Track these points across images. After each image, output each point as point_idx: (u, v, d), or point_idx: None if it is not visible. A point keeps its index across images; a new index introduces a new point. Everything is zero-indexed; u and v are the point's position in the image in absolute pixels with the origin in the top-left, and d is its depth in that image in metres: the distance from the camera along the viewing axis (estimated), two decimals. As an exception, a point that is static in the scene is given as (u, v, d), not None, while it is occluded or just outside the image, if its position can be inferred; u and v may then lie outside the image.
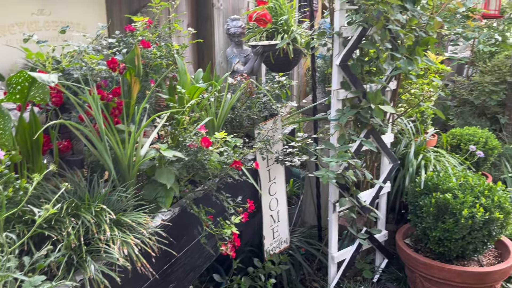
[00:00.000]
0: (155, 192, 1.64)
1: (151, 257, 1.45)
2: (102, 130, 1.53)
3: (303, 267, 2.87)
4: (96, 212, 1.38)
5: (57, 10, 2.04)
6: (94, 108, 1.52)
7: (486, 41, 5.41)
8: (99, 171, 1.63)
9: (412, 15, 2.50)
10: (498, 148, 4.07)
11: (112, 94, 1.63)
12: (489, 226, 2.47)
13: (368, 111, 2.43)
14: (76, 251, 1.30)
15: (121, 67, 1.63)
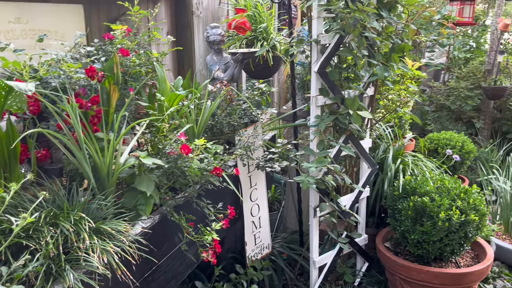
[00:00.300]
0: (135, 199, 1.63)
1: (131, 265, 1.45)
2: (81, 138, 1.52)
3: (285, 273, 2.88)
4: (75, 220, 1.37)
5: (35, 18, 2.02)
6: (72, 116, 1.51)
7: (461, 48, 5.55)
8: (78, 179, 1.62)
9: (388, 22, 2.56)
10: (474, 152, 4.17)
11: (91, 102, 1.62)
12: (465, 228, 2.53)
13: (346, 117, 2.47)
14: (55, 260, 1.28)
15: (99, 75, 1.63)
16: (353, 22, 2.28)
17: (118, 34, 1.89)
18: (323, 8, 2.34)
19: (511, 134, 5.05)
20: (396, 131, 3.54)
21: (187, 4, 3.08)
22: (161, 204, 1.77)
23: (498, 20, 4.77)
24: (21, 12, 1.96)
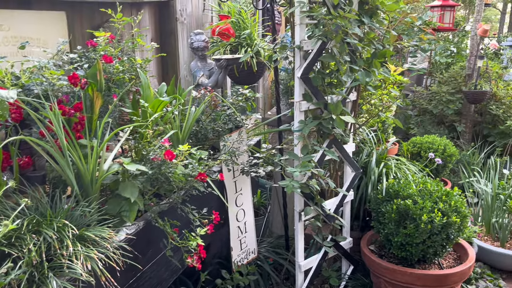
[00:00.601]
0: (119, 206, 1.63)
1: (115, 271, 1.45)
2: (64, 145, 1.52)
3: (271, 277, 2.88)
4: (58, 227, 1.37)
5: (17, 25, 2.01)
6: (55, 123, 1.51)
7: (442, 53, 5.65)
8: (61, 186, 1.61)
9: (369, 28, 2.60)
10: (456, 155, 4.24)
11: (74, 109, 1.62)
12: (447, 229, 2.57)
13: (329, 121, 2.49)
14: (37, 267, 1.28)
15: (82, 82, 1.63)
16: (335, 29, 2.31)
17: (101, 41, 1.89)
18: (306, 14, 2.36)
19: (492, 137, 5.13)
20: (379, 135, 3.59)
21: (171, 10, 3.09)
22: (145, 210, 1.77)
23: (478, 26, 4.87)
24: (2, 19, 1.95)
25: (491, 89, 5.02)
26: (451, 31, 5.69)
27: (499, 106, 5.10)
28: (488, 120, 5.21)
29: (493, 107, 5.08)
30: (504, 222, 3.52)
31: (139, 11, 2.79)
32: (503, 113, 5.04)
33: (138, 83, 2.00)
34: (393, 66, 3.60)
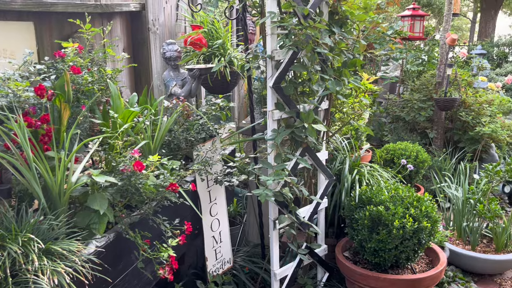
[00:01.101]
0: (88, 218, 1.61)
1: (84, 285, 1.43)
2: (30, 158, 1.49)
3: (247, 286, 2.88)
4: (24, 242, 1.35)
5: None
6: (20, 136, 1.49)
7: (414, 61, 5.78)
8: (28, 200, 1.59)
9: (339, 38, 2.65)
10: (428, 161, 4.33)
11: (41, 121, 1.60)
12: (418, 234, 2.61)
13: (302, 130, 2.51)
14: (2, 283, 1.25)
15: (49, 93, 1.61)
16: (306, 39, 2.34)
17: (70, 52, 1.87)
18: (276, 25, 2.39)
19: (462, 143, 5.25)
20: (353, 142, 3.64)
21: (143, 20, 3.08)
22: (116, 222, 1.75)
23: (446, 35, 5.01)
24: (-32, 30, 1.92)
25: (460, 96, 5.15)
26: (422, 40, 5.83)
27: (469, 112, 5.23)
28: (458, 127, 5.33)
29: (463, 114, 5.21)
30: (474, 226, 3.60)
31: (110, 22, 2.78)
32: (472, 119, 5.17)
33: (108, 94, 1.99)
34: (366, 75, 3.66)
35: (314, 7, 2.44)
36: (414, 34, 5.33)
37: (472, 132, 5.12)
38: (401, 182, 3.51)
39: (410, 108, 5.30)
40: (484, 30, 14.95)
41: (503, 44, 13.51)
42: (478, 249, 3.55)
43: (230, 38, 3.20)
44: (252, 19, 4.09)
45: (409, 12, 5.43)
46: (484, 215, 3.57)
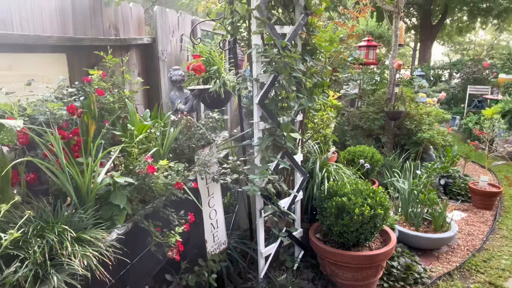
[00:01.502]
0: (110, 211, 1.61)
1: (108, 265, 1.42)
2: (63, 163, 1.49)
3: (239, 263, 2.87)
4: (59, 231, 1.34)
5: (25, 65, 1.97)
6: (55, 146, 1.48)
7: (369, 82, 5.85)
8: (62, 197, 1.57)
9: (310, 65, 2.68)
10: (381, 160, 4.39)
11: (72, 133, 1.59)
12: (374, 219, 2.65)
13: (282, 138, 2.53)
14: (41, 266, 1.25)
15: (78, 111, 1.61)
16: (284, 65, 2.37)
17: (95, 77, 1.87)
18: (261, 54, 2.41)
19: (407, 146, 5.33)
20: (322, 146, 3.67)
21: (154, 51, 3.08)
22: (133, 214, 1.74)
23: (394, 61, 5.09)
24: (13, 60, 1.90)
25: (405, 109, 5.23)
26: (375, 65, 5.91)
27: (412, 122, 5.31)
28: (404, 133, 5.40)
29: (408, 123, 5.29)
30: (417, 212, 3.67)
31: (128, 52, 2.77)
32: (415, 127, 5.26)
33: (126, 111, 1.98)
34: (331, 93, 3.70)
35: (290, 40, 2.47)
36: (369, 60, 5.41)
37: (415, 137, 5.20)
38: (360, 177, 3.56)
39: (367, 119, 5.37)
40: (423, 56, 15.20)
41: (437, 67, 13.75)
42: (421, 230, 3.61)
43: (224, 65, 3.20)
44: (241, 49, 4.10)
45: (365, 43, 5.51)
46: (425, 202, 3.64)
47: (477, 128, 5.10)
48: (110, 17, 2.61)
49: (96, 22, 2.45)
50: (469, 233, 3.96)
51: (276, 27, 2.41)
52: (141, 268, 1.81)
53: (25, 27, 1.97)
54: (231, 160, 2.63)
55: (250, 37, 2.58)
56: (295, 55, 2.41)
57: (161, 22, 3.10)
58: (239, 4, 2.44)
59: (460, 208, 4.63)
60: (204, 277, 2.48)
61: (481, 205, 4.59)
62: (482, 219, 4.33)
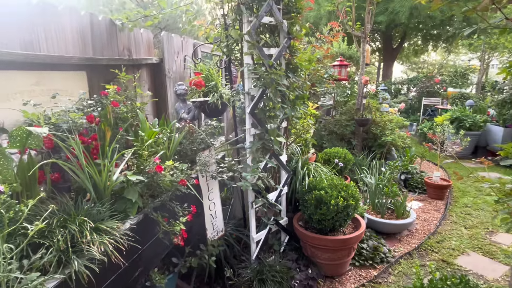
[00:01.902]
0: (124, 205, 1.58)
1: (122, 251, 1.40)
2: (83, 164, 1.46)
3: (235, 247, 2.85)
4: (80, 222, 1.31)
5: (50, 81, 1.93)
6: (76, 150, 1.45)
7: (342, 94, 5.88)
8: (82, 193, 1.54)
9: (293, 80, 2.68)
10: (352, 160, 4.40)
11: (91, 139, 1.57)
12: (347, 209, 2.66)
13: (269, 141, 2.53)
14: (64, 252, 1.22)
15: (96, 120, 1.58)
16: (271, 81, 2.37)
17: (111, 91, 1.84)
18: (251, 71, 2.41)
19: (374, 148, 5.35)
20: (303, 149, 3.68)
21: (162, 69, 3.06)
22: (144, 206, 1.72)
23: (362, 78, 5.13)
24: (40, 77, 1.86)
25: (371, 117, 5.27)
26: (346, 81, 5.96)
27: (377, 127, 5.35)
28: (371, 137, 5.44)
29: (374, 128, 5.32)
30: (382, 202, 3.69)
31: (139, 70, 2.75)
32: (380, 132, 5.30)
33: (138, 119, 1.96)
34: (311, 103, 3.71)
35: (276, 59, 2.47)
36: (341, 77, 5.44)
37: (380, 140, 5.24)
38: (335, 174, 3.57)
39: (340, 125, 5.39)
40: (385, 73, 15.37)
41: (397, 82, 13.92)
42: (386, 217, 3.63)
43: (220, 80, 3.19)
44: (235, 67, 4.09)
45: (338, 62, 5.54)
46: (388, 194, 3.66)
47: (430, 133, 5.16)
48: (124, 40, 2.58)
49: (112, 45, 2.42)
50: (425, 219, 4.00)
51: (264, 49, 2.41)
52: (151, 252, 1.79)
53: (51, 49, 1.94)
54: (227, 161, 2.61)
55: (242, 57, 2.58)
56: (280, 72, 2.41)
57: (167, 45, 3.08)
58: (232, 30, 2.44)
59: (418, 199, 4.68)
60: (205, 260, 2.46)
61: (435, 196, 4.65)
62: (436, 207, 4.38)
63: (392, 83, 13.54)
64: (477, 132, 6.85)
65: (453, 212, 4.19)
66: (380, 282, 2.77)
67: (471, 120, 6.89)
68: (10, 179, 1.33)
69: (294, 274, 2.59)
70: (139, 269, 1.68)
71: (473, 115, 7.09)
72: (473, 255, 3.18)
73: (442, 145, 4.94)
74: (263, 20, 2.41)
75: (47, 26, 1.90)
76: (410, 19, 10.72)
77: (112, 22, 2.43)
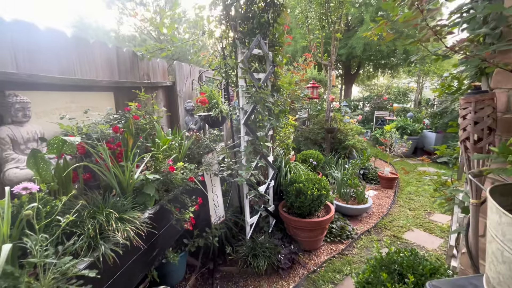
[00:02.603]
0: (144, 198, 1.51)
1: (142, 236, 1.33)
2: (109, 166, 1.39)
3: (233, 229, 2.79)
4: (106, 214, 1.24)
5: (83, 99, 1.85)
6: (104, 154, 1.38)
7: (314, 109, 5.89)
8: (109, 190, 1.47)
9: (277, 98, 2.66)
10: (323, 159, 4.38)
11: (116, 146, 1.50)
12: (320, 198, 2.63)
13: (259, 146, 2.49)
14: (93, 238, 1.15)
15: (121, 130, 1.51)
16: (260, 99, 2.34)
17: (133, 107, 1.77)
18: (245, 91, 2.38)
19: (339, 150, 5.36)
20: (285, 151, 3.64)
21: (174, 90, 2.99)
22: (160, 199, 1.65)
23: (329, 96, 5.15)
24: (74, 97, 1.79)
25: (337, 126, 5.29)
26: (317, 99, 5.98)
27: (341, 134, 5.36)
28: (337, 141, 5.45)
29: (339, 135, 5.33)
30: (347, 191, 3.67)
31: (155, 91, 2.68)
32: (343, 137, 5.31)
33: (154, 130, 1.89)
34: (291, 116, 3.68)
35: (263, 82, 2.44)
36: (313, 96, 5.45)
37: (344, 144, 5.25)
38: (310, 170, 3.55)
39: (313, 133, 5.39)
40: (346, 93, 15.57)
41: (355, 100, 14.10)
42: (350, 203, 3.61)
43: (221, 99, 3.14)
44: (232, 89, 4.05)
45: (311, 85, 5.55)
46: (351, 185, 3.65)
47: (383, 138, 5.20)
48: (143, 68, 2.52)
49: (134, 71, 2.35)
50: (379, 204, 4.00)
51: (254, 74, 2.38)
52: (165, 236, 1.72)
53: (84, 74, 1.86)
54: (226, 162, 2.56)
55: (237, 81, 2.55)
56: (267, 92, 2.38)
57: (178, 72, 3.02)
58: (229, 59, 2.40)
59: (373, 188, 4.69)
60: (209, 240, 2.39)
61: (386, 186, 4.67)
62: (387, 195, 4.40)
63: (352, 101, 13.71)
64: (416, 137, 6.96)
65: (400, 198, 4.21)
66: (347, 254, 2.74)
67: (411, 127, 7.00)
68: (49, 179, 1.25)
69: (280, 250, 2.54)
70: (156, 250, 1.61)
71: (413, 124, 7.21)
72: (417, 231, 3.19)
73: (391, 147, 4.98)
74: (253, 52, 2.39)
75: (80, 56, 1.82)
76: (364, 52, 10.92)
77: (134, 53, 2.36)
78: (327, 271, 2.47)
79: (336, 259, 2.65)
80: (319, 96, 5.98)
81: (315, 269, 2.49)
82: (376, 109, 10.66)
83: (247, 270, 2.45)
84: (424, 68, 9.30)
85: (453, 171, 1.74)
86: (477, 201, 1.04)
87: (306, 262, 2.60)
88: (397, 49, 11.61)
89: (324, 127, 5.21)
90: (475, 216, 1.05)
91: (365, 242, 2.95)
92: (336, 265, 2.56)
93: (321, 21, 4.77)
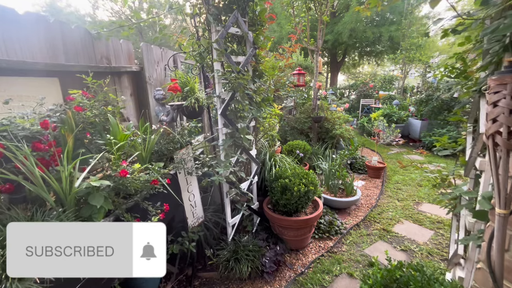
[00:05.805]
0: (90, 210, 1.20)
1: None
2: (36, 174, 1.06)
3: (213, 231, 2.54)
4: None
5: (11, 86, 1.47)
6: (29, 158, 1.05)
7: (300, 97, 5.64)
8: (40, 203, 1.15)
9: (259, 85, 2.36)
10: (310, 150, 4.18)
11: (48, 145, 1.16)
12: (308, 194, 2.41)
13: (240, 139, 2.22)
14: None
15: (52, 126, 1.18)
16: (239, 85, 2.05)
17: (77, 96, 1.42)
18: (222, 77, 2.07)
19: (327, 140, 5.19)
20: (270, 142, 3.39)
21: (143, 76, 2.62)
22: (115, 208, 1.35)
23: (316, 84, 4.91)
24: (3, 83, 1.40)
25: (324, 115, 5.09)
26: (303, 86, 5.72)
27: (328, 123, 5.18)
28: (324, 131, 5.27)
29: (326, 124, 5.14)
30: (335, 183, 3.50)
31: (120, 78, 2.30)
32: (331, 127, 5.13)
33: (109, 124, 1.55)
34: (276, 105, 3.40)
35: (243, 66, 2.13)
36: (300, 83, 5.19)
37: (331, 133, 5.08)
38: (297, 162, 3.33)
39: (299, 122, 5.17)
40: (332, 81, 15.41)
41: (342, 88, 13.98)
42: (338, 196, 3.45)
43: (197, 86, 2.80)
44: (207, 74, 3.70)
45: (297, 71, 5.27)
46: (339, 177, 3.48)
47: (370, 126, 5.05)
48: (101, 49, 2.12)
49: (87, 53, 1.96)
50: (368, 195, 3.88)
51: (232, 57, 2.06)
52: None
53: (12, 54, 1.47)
54: (202, 157, 2.26)
55: (213, 65, 2.22)
56: (247, 77, 2.08)
57: (147, 55, 2.63)
58: (202, 39, 2.06)
59: (361, 178, 4.57)
60: (186, 245, 2.12)
61: (374, 176, 4.56)
62: (375, 185, 4.28)
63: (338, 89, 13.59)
64: (402, 124, 6.90)
65: (388, 188, 4.10)
66: (336, 252, 2.56)
67: (397, 115, 6.93)
68: None
69: (265, 252, 2.32)
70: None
71: (398, 111, 7.14)
72: (406, 223, 3.07)
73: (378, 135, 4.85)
74: (232, 31, 2.06)
75: (6, 31, 1.43)
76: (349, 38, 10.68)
77: (87, 32, 1.97)
78: (315, 272, 2.29)
79: (324, 258, 2.47)
80: (305, 83, 5.72)
81: (302, 271, 2.30)
82: (362, 97, 10.58)
83: (229, 275, 2.22)
84: (409, 55, 9.22)
85: (455, 165, 1.54)
86: (505, 211, 0.81)
87: (293, 263, 2.40)
88: (382, 35, 11.47)
89: (311, 116, 4.99)
90: (502, 229, 0.83)
91: (354, 237, 2.79)
92: (324, 265, 2.38)
93: (307, 2, 4.43)
